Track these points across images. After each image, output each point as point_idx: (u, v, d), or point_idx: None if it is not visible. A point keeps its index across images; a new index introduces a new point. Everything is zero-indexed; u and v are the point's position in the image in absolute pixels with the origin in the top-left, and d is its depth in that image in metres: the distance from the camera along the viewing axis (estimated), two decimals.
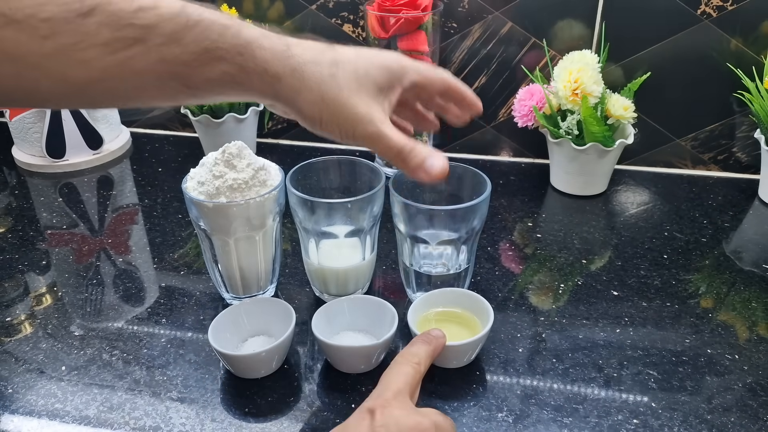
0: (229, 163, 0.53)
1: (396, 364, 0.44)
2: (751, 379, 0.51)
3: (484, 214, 0.55)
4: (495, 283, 0.63)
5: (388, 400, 0.40)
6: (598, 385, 0.51)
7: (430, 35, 0.75)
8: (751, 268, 0.66)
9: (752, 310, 0.59)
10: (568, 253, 0.68)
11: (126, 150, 0.91)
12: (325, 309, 0.53)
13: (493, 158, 0.89)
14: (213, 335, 0.50)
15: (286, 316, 0.52)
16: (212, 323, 0.51)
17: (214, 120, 0.81)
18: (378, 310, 0.54)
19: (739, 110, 0.80)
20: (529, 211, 0.76)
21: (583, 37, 0.79)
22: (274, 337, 0.53)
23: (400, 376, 0.43)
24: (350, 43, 0.84)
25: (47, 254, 0.69)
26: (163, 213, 0.76)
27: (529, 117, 0.77)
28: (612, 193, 0.80)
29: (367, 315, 0.54)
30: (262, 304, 0.55)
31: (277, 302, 0.54)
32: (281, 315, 0.53)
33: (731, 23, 0.75)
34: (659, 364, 0.53)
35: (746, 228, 0.73)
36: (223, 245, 0.56)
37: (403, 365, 0.44)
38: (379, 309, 0.54)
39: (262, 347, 0.50)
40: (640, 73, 0.78)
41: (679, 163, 0.85)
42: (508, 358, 0.54)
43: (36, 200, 0.80)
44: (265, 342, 0.53)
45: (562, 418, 0.48)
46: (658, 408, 0.49)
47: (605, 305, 0.60)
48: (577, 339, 0.56)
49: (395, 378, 0.42)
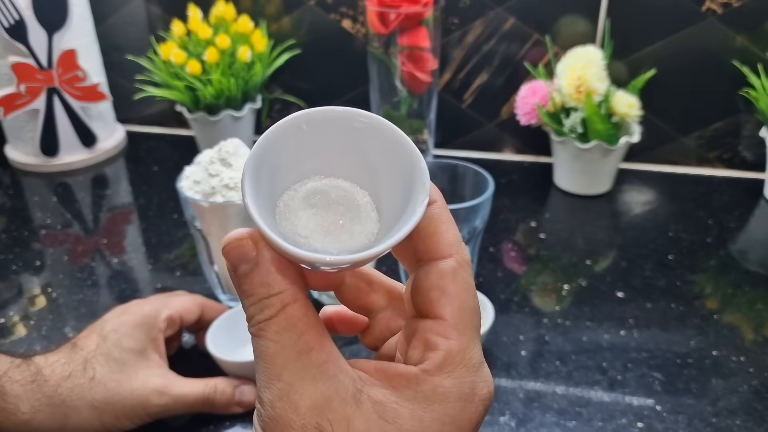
0: (225, 162, 0.52)
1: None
2: (756, 382, 0.51)
3: (486, 213, 0.54)
4: (497, 284, 0.62)
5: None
6: (602, 388, 0.50)
7: (431, 31, 0.74)
8: (757, 269, 0.65)
9: (758, 312, 0.58)
10: (571, 253, 0.67)
11: (121, 148, 0.90)
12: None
13: (495, 157, 0.88)
14: (212, 340, 0.48)
15: None
16: (210, 328, 0.50)
17: (211, 117, 0.80)
18: None
19: (745, 108, 0.79)
20: (532, 211, 0.75)
21: (587, 33, 0.78)
22: None
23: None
24: (351, 40, 0.84)
25: (41, 254, 0.68)
26: (158, 212, 0.75)
27: (532, 115, 0.76)
28: (616, 192, 0.79)
29: None
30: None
31: None
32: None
33: (737, 20, 0.74)
34: (664, 366, 0.52)
35: (752, 228, 0.72)
36: (219, 245, 0.55)
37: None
38: None
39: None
40: (645, 70, 0.77)
41: (685, 161, 0.84)
42: (511, 361, 0.53)
43: (30, 200, 0.79)
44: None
45: (565, 422, 0.47)
46: (662, 411, 0.48)
47: (609, 307, 0.59)
48: (580, 341, 0.55)
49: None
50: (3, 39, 0.76)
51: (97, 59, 0.86)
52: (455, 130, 0.87)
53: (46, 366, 0.39)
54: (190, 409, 0.42)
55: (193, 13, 0.79)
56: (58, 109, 0.82)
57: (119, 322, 0.42)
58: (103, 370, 0.39)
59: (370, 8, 0.73)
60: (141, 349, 0.41)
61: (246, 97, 0.81)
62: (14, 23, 0.76)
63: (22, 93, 0.80)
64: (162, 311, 0.44)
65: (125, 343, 0.41)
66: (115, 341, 0.40)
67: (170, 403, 0.40)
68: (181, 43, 0.80)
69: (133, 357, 0.40)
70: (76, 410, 0.37)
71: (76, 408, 0.37)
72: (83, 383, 0.38)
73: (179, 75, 0.79)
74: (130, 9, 0.88)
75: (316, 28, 0.84)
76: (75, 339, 0.42)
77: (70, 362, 0.39)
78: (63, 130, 0.84)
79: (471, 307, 0.22)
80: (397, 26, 0.72)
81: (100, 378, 0.39)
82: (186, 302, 0.48)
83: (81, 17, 0.81)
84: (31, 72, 0.79)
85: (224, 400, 0.43)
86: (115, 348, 0.40)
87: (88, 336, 0.41)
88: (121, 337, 0.41)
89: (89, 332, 0.42)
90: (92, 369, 0.39)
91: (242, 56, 0.78)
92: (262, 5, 0.84)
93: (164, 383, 0.41)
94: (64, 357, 0.40)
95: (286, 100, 0.89)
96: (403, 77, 0.76)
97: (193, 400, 0.41)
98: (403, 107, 0.78)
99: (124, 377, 0.39)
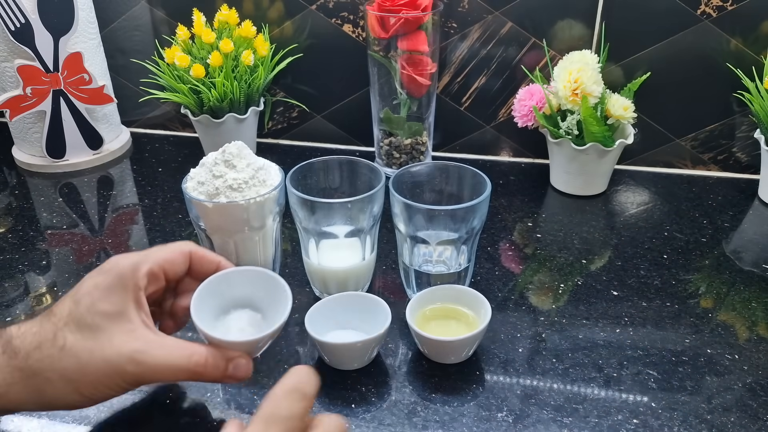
0: (229, 163, 0.53)
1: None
2: (751, 379, 0.51)
3: (484, 214, 0.55)
4: (495, 283, 0.63)
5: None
6: (598, 385, 0.51)
7: (430, 35, 0.75)
8: (751, 268, 0.66)
9: (752, 310, 0.59)
10: (568, 253, 0.68)
11: (126, 150, 0.91)
12: (320, 306, 0.54)
13: (493, 158, 0.89)
14: (197, 307, 0.43)
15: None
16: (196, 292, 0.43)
17: (214, 120, 0.81)
18: (372, 307, 0.54)
19: (739, 110, 0.80)
20: (529, 211, 0.76)
21: (583, 37, 0.79)
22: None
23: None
24: (351, 44, 0.85)
25: (47, 254, 0.69)
26: (163, 213, 0.76)
27: (529, 117, 0.77)
28: (612, 193, 0.80)
29: (362, 312, 0.54)
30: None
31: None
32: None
33: (731, 23, 0.75)
34: (659, 364, 0.53)
35: (746, 228, 0.73)
36: (223, 245, 0.56)
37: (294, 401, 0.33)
38: (373, 306, 0.54)
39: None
40: (640, 73, 0.78)
41: (679, 163, 0.85)
42: (508, 358, 0.54)
43: (36, 200, 0.80)
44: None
45: (562, 418, 0.48)
46: (657, 408, 0.49)
47: (605, 305, 0.60)
48: (577, 339, 0.56)
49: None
50: (9, 42, 0.78)
51: (102, 62, 0.87)
52: (454, 132, 0.88)
53: (17, 336, 0.36)
54: (175, 378, 0.39)
55: (197, 18, 0.80)
56: (65, 112, 0.84)
57: (93, 283, 0.38)
58: (74, 338, 0.35)
59: (371, 13, 0.74)
60: (117, 312, 0.37)
61: (249, 100, 0.82)
62: (20, 26, 0.77)
63: (29, 95, 0.81)
64: (141, 266, 0.39)
65: (99, 307, 0.36)
66: (88, 305, 0.37)
67: (147, 373, 0.36)
68: (185, 47, 0.81)
69: (108, 321, 0.36)
70: (49, 382, 0.35)
71: (49, 380, 0.35)
72: (53, 353, 0.35)
73: (183, 78, 0.80)
74: (135, 13, 0.89)
75: (317, 32, 0.85)
76: (52, 306, 0.39)
77: (40, 331, 0.36)
78: (69, 132, 0.85)
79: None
80: (397, 31, 0.73)
81: (70, 347, 0.35)
82: (169, 252, 0.42)
83: (86, 21, 0.83)
84: (37, 75, 0.80)
85: (216, 374, 0.38)
86: (88, 313, 0.36)
87: (63, 302, 0.38)
88: (95, 300, 0.37)
89: (64, 297, 0.39)
90: (63, 338, 0.36)
91: (245, 60, 0.79)
92: (265, 10, 0.85)
93: (142, 349, 0.36)
94: (36, 326, 0.37)
95: (288, 103, 0.90)
96: (402, 80, 0.77)
97: (176, 371, 0.37)
98: (402, 110, 0.79)
99: (96, 345, 0.35)
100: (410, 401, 0.49)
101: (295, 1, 0.84)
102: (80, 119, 0.85)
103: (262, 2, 0.85)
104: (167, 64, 0.81)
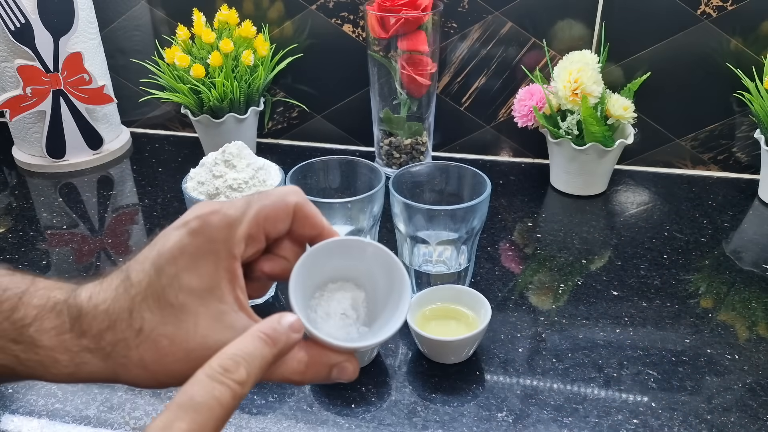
0: (229, 163, 0.53)
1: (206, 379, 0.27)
2: (750, 379, 0.51)
3: (483, 214, 0.55)
4: (495, 283, 0.63)
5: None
6: (597, 385, 0.51)
7: (430, 35, 0.75)
8: (750, 268, 0.66)
9: (752, 310, 0.59)
10: (568, 253, 0.68)
11: (126, 150, 0.91)
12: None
13: (493, 158, 0.89)
14: (295, 291, 0.33)
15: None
16: (294, 270, 0.33)
17: (214, 120, 0.81)
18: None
19: (739, 110, 0.80)
20: (529, 211, 0.76)
21: (583, 37, 0.79)
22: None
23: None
24: (351, 44, 0.85)
25: (47, 254, 0.69)
26: (163, 213, 0.76)
27: (529, 117, 0.77)
28: (612, 193, 0.80)
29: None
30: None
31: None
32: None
33: (731, 23, 0.76)
34: (659, 364, 0.53)
35: (746, 228, 0.73)
36: None
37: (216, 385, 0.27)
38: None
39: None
40: (640, 73, 0.78)
41: (679, 163, 0.85)
42: (508, 358, 0.54)
43: (36, 200, 0.80)
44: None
45: (562, 418, 0.48)
46: (657, 408, 0.49)
47: (605, 305, 0.60)
48: (576, 339, 0.56)
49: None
50: (9, 42, 0.78)
51: (102, 62, 0.87)
52: (454, 132, 0.88)
53: (88, 310, 0.30)
54: (264, 380, 0.30)
55: (197, 18, 0.80)
56: (65, 112, 0.84)
57: (179, 245, 0.30)
58: (153, 319, 0.29)
59: (371, 13, 0.74)
60: (207, 288, 0.29)
61: (249, 100, 0.82)
62: (20, 26, 0.77)
63: (29, 95, 0.81)
64: (238, 227, 0.30)
65: (184, 281, 0.29)
66: (172, 277, 0.29)
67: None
68: (185, 47, 0.81)
69: (195, 300, 0.29)
70: (123, 367, 0.29)
71: (123, 365, 0.29)
72: (128, 337, 0.29)
73: (183, 78, 0.80)
74: (135, 13, 0.89)
75: (317, 32, 0.85)
76: (129, 264, 0.31)
77: (113, 307, 0.30)
78: (69, 132, 0.85)
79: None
80: (397, 31, 0.73)
81: (149, 332, 0.29)
82: (271, 208, 0.32)
83: (86, 21, 0.83)
84: (37, 75, 0.80)
85: (313, 381, 0.32)
86: (171, 288, 0.29)
87: (143, 264, 0.30)
88: (179, 272, 0.29)
89: (145, 257, 0.30)
90: (140, 318, 0.29)
91: (245, 60, 0.79)
92: (265, 10, 0.85)
93: (231, 340, 0.29)
94: (109, 298, 0.30)
95: (288, 103, 0.90)
96: (402, 80, 0.77)
97: (267, 375, 0.30)
98: (402, 110, 0.79)
99: (179, 333, 0.29)
100: (410, 401, 0.49)
101: (295, 1, 0.84)
102: (80, 119, 0.85)
103: (262, 2, 0.85)
104: (167, 64, 0.81)
